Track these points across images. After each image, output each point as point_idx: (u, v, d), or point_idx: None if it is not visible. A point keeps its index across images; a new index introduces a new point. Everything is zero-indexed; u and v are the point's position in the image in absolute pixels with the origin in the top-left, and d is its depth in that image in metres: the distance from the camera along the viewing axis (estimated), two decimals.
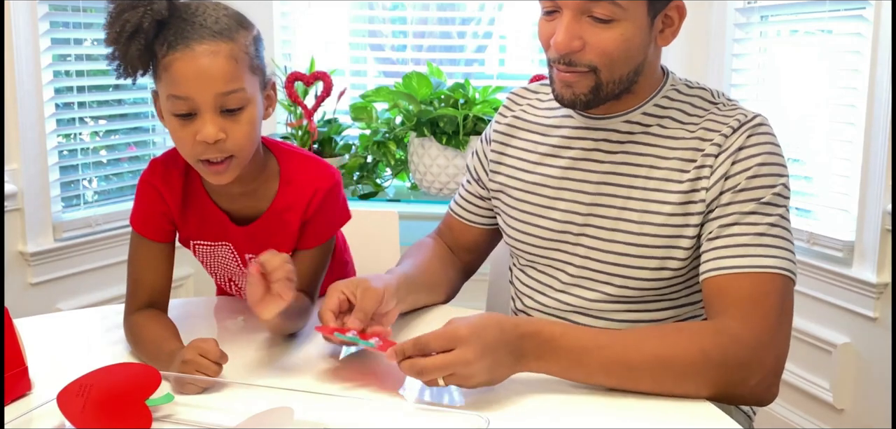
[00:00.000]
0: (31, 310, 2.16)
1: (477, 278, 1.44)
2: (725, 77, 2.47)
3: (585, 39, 1.07)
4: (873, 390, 2.03)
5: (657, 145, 1.13)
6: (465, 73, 2.65)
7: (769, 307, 1.03)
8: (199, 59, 1.02)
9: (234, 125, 1.06)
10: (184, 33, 1.03)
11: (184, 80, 1.02)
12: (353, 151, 2.49)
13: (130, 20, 1.02)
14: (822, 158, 2.19)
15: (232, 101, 1.05)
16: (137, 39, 1.02)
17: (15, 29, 2.12)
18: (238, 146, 1.07)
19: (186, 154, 1.08)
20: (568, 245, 1.19)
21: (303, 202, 1.17)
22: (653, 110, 1.16)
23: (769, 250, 1.04)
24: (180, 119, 1.05)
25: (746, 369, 1.00)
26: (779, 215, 1.06)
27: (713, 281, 1.06)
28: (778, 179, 1.08)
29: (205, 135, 1.03)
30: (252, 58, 1.08)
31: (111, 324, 1.24)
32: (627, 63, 1.09)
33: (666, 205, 1.11)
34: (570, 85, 1.10)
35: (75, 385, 0.92)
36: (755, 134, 1.09)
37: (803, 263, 2.19)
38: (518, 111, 1.31)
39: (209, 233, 1.20)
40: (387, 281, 1.14)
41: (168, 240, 1.20)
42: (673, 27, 1.12)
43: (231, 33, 1.05)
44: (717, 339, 1.00)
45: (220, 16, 1.06)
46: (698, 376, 0.98)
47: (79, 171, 2.40)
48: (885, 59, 1.92)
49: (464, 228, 1.38)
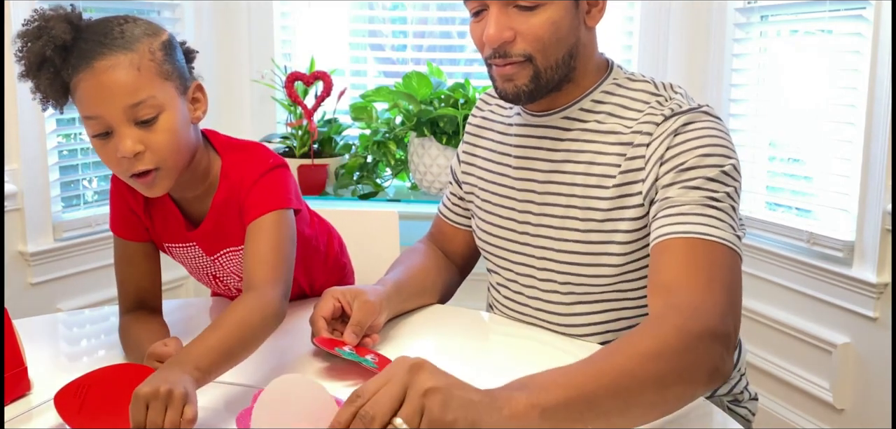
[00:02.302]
0: (31, 310, 2.16)
1: (477, 278, 1.44)
2: (725, 77, 2.47)
3: (516, 29, 1.08)
4: (873, 390, 2.03)
5: (595, 141, 1.13)
6: (465, 73, 2.65)
7: (715, 272, 0.96)
8: (100, 75, 1.00)
9: (152, 135, 1.03)
10: (85, 53, 1.00)
11: (89, 100, 1.01)
12: (353, 151, 2.50)
13: (34, 51, 1.00)
14: (822, 158, 2.18)
15: (143, 111, 1.02)
16: (46, 69, 1.01)
17: (15, 29, 2.12)
18: (160, 157, 1.04)
19: (117, 173, 1.07)
20: (529, 248, 1.20)
21: (238, 189, 1.14)
22: (589, 106, 1.16)
23: (713, 221, 1.00)
24: (100, 139, 1.03)
25: (716, 334, 0.90)
26: (725, 194, 1.02)
27: (657, 246, 1.01)
28: (725, 160, 1.04)
29: (122, 150, 1.01)
30: (160, 63, 1.04)
31: (111, 325, 1.24)
32: (560, 46, 1.10)
33: (604, 199, 1.11)
34: (511, 78, 1.11)
35: (73, 386, 0.92)
36: (694, 120, 1.07)
37: (803, 263, 2.19)
38: (487, 112, 1.33)
39: (175, 235, 1.20)
40: (380, 294, 1.16)
41: (146, 239, 1.20)
42: (598, 6, 1.12)
43: (132, 44, 1.02)
44: (684, 315, 0.89)
45: (125, 28, 1.02)
46: (692, 359, 0.86)
47: (79, 171, 2.40)
48: (885, 59, 1.92)
49: (453, 231, 1.40)
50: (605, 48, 1.21)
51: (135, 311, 1.17)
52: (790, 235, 2.23)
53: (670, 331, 0.87)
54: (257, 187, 1.13)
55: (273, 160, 1.16)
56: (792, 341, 2.26)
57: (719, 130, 1.07)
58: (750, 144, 2.40)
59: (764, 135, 2.38)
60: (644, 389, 0.82)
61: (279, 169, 1.16)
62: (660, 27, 2.55)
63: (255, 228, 1.10)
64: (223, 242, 1.19)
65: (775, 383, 2.33)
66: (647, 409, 0.84)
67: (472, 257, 1.41)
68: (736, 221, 1.03)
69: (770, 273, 2.31)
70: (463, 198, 1.37)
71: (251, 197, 1.12)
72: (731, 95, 2.46)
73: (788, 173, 2.34)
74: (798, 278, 2.22)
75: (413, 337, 1.20)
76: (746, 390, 1.29)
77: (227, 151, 1.17)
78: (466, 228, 1.38)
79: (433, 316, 1.29)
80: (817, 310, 2.18)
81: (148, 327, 1.13)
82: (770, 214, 2.35)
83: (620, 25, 2.61)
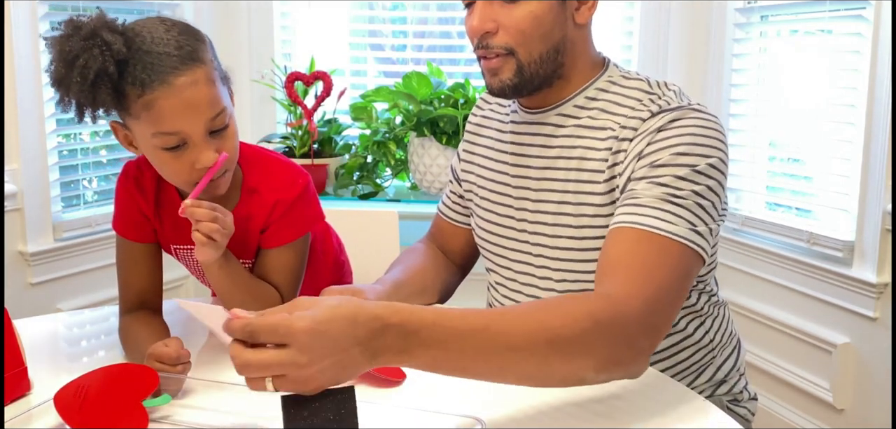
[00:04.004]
0: (31, 310, 2.16)
1: (477, 278, 1.44)
2: (725, 77, 2.47)
3: (498, 21, 1.09)
4: (873, 390, 2.03)
5: (587, 137, 1.13)
6: (465, 73, 2.65)
7: (654, 268, 0.96)
8: (183, 92, 1.00)
9: (225, 141, 1.07)
10: (155, 67, 0.99)
11: (172, 117, 1.01)
12: (353, 151, 2.50)
13: (90, 66, 0.97)
14: (822, 158, 2.18)
15: (219, 122, 1.05)
16: (104, 84, 0.98)
17: (15, 29, 2.12)
18: (231, 160, 1.09)
19: (183, 181, 1.08)
20: (526, 245, 1.20)
21: (264, 212, 1.17)
22: (583, 102, 1.16)
23: (669, 216, 0.99)
24: (171, 152, 1.04)
25: (634, 327, 0.92)
26: (691, 191, 1.01)
27: (610, 232, 1.02)
28: (701, 159, 1.03)
29: (204, 162, 1.04)
30: (218, 69, 1.08)
31: (111, 325, 1.24)
32: (543, 41, 1.10)
33: (596, 195, 1.11)
34: (495, 71, 1.12)
35: (72, 386, 0.93)
36: (680, 118, 1.06)
37: (803, 263, 2.19)
38: (487, 110, 1.34)
39: (184, 236, 1.20)
40: (378, 292, 1.16)
41: (150, 240, 1.20)
42: (587, 3, 1.12)
43: (199, 53, 1.03)
44: (603, 303, 0.92)
45: (175, 36, 1.02)
46: (588, 345, 0.88)
47: (79, 171, 2.40)
48: (885, 59, 1.92)
49: (452, 230, 1.40)
50: (604, 48, 1.21)
51: (136, 311, 1.17)
52: (790, 235, 2.23)
53: (580, 313, 0.88)
54: (293, 213, 1.17)
55: (302, 180, 1.19)
56: (792, 340, 2.26)
57: (704, 127, 1.05)
58: (750, 144, 2.41)
59: (764, 135, 2.38)
60: (526, 358, 0.86)
61: (309, 189, 1.20)
62: (660, 27, 2.55)
63: (282, 248, 1.18)
64: (231, 249, 1.19)
65: (775, 383, 2.33)
66: (524, 378, 0.88)
67: (472, 256, 1.41)
68: (700, 219, 1.01)
69: (770, 273, 2.32)
70: (463, 196, 1.37)
71: (286, 221, 1.17)
72: (731, 95, 2.46)
73: (788, 173, 2.34)
74: (798, 278, 2.22)
75: None
76: (746, 390, 1.29)
77: (251, 165, 1.18)
78: (466, 227, 1.38)
79: None
80: (817, 310, 2.18)
81: (149, 327, 1.13)
82: (770, 214, 2.35)
83: (620, 25, 2.61)
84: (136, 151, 1.10)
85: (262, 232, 1.18)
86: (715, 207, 1.04)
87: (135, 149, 1.09)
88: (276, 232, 1.18)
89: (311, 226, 1.23)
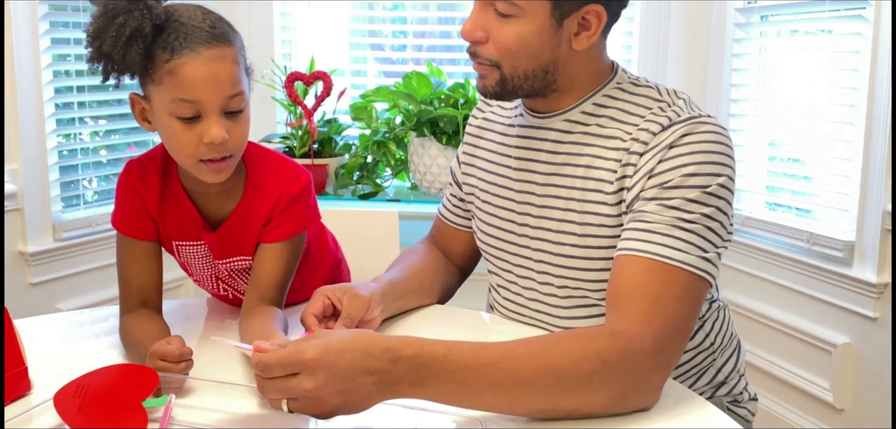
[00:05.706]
0: (31, 310, 2.16)
1: (477, 278, 1.44)
2: (725, 77, 2.47)
3: (489, 32, 1.09)
4: (873, 390, 2.03)
5: (594, 145, 1.12)
6: (465, 73, 2.65)
7: (666, 299, 0.97)
8: (210, 63, 1.04)
9: (236, 126, 1.09)
10: (187, 37, 1.04)
11: (193, 84, 1.04)
12: (353, 151, 2.49)
13: (128, 23, 1.01)
14: (822, 158, 2.19)
15: (235, 103, 1.08)
16: (137, 43, 1.02)
17: (15, 29, 2.12)
18: (238, 146, 1.11)
19: (187, 155, 1.09)
20: (528, 250, 1.20)
21: (267, 207, 1.18)
22: (591, 108, 1.14)
23: (680, 243, 0.99)
24: (184, 122, 1.06)
25: (645, 365, 0.94)
26: (701, 214, 1.01)
27: (619, 258, 1.02)
28: (712, 179, 1.02)
29: (212, 136, 1.05)
30: (245, 60, 1.12)
31: (111, 325, 1.24)
32: (530, 61, 1.09)
33: (603, 205, 1.10)
34: (482, 77, 1.14)
35: (72, 386, 0.93)
36: (692, 132, 1.05)
37: (803, 263, 2.19)
38: (488, 113, 1.33)
39: (186, 232, 1.21)
40: (373, 289, 1.16)
41: (152, 238, 1.20)
42: (589, 31, 1.08)
43: (230, 38, 1.08)
44: (612, 341, 0.93)
45: (212, 20, 1.07)
46: (598, 385, 0.91)
47: (79, 171, 2.40)
48: (885, 59, 1.92)
49: (453, 233, 1.39)
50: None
51: (136, 310, 1.17)
52: (790, 235, 2.23)
53: (590, 352, 0.91)
54: (295, 208, 1.19)
55: (305, 177, 1.21)
56: (792, 341, 2.26)
57: (716, 143, 1.04)
58: (750, 144, 2.41)
59: (764, 135, 2.38)
60: (535, 394, 0.90)
61: (310, 187, 1.22)
62: (660, 27, 2.55)
63: (280, 244, 1.19)
64: (234, 249, 1.21)
65: (775, 384, 2.33)
66: (533, 412, 0.92)
67: (473, 258, 1.40)
68: (710, 243, 1.01)
69: (770, 273, 2.32)
70: (463, 199, 1.37)
71: (288, 215, 1.19)
72: (731, 95, 2.46)
73: (788, 173, 2.34)
74: (798, 278, 2.22)
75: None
76: (746, 391, 1.29)
77: (255, 161, 1.20)
78: (466, 230, 1.38)
79: (433, 316, 1.29)
80: (817, 310, 2.18)
81: (150, 326, 1.13)
82: (770, 214, 2.35)
83: (620, 25, 2.59)
84: (148, 127, 1.11)
85: (265, 226, 1.19)
86: (724, 227, 1.04)
87: (147, 124, 1.11)
88: (278, 226, 1.18)
89: (310, 224, 1.23)
